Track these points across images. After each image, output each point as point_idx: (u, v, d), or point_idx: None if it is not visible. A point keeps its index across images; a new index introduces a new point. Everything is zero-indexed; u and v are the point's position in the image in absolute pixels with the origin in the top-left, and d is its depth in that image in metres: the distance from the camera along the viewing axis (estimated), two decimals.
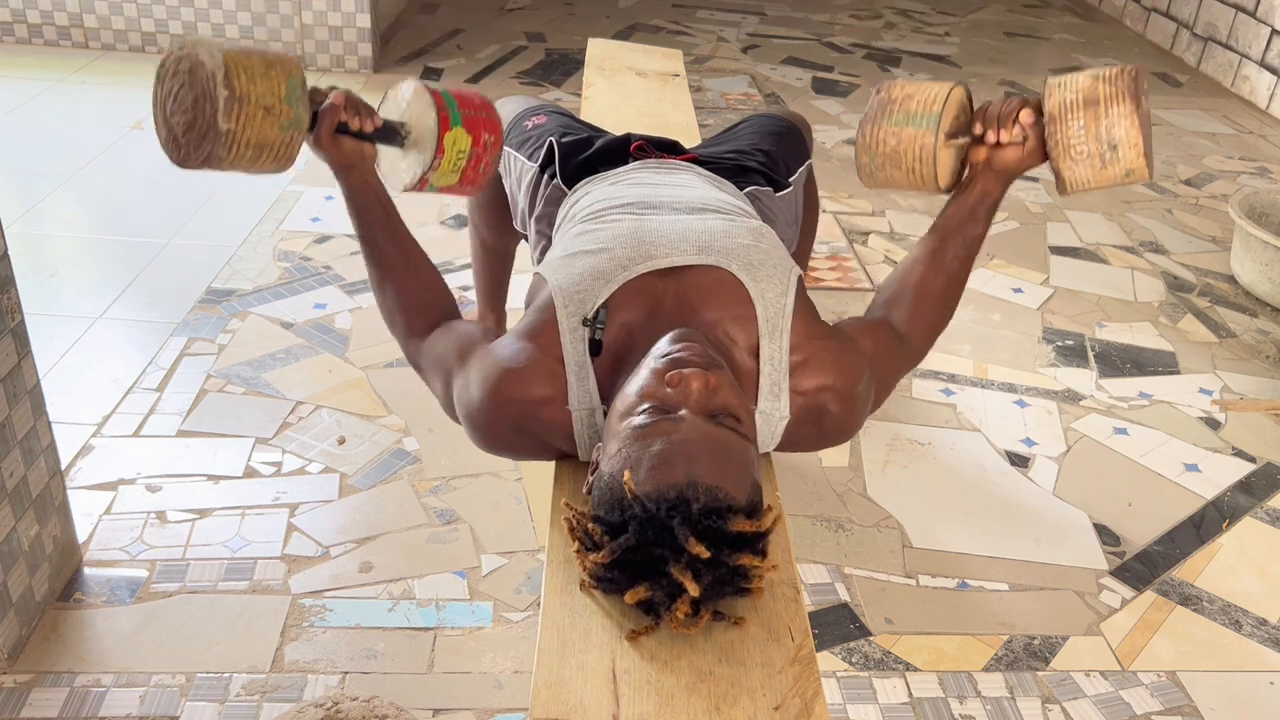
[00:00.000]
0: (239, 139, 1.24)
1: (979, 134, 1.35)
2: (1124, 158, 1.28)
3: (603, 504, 1.05)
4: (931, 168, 1.34)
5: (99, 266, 2.73)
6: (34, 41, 4.22)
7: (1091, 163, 1.29)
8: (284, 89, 1.28)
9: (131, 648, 1.64)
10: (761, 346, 1.23)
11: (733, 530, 0.99)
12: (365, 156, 1.38)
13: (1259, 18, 4.57)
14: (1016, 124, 1.32)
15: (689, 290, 1.25)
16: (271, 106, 1.26)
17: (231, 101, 1.22)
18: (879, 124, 1.36)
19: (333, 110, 1.33)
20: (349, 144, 1.36)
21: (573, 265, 1.29)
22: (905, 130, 1.34)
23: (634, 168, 1.58)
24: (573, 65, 4.43)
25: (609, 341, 1.22)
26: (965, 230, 1.39)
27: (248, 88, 1.24)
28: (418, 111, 1.40)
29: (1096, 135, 1.27)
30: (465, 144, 1.39)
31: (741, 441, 1.07)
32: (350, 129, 1.35)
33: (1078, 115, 1.28)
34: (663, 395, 1.07)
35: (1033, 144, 1.32)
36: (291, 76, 1.29)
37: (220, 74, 1.22)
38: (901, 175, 1.36)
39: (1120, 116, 1.26)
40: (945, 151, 1.34)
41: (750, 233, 1.34)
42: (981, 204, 1.38)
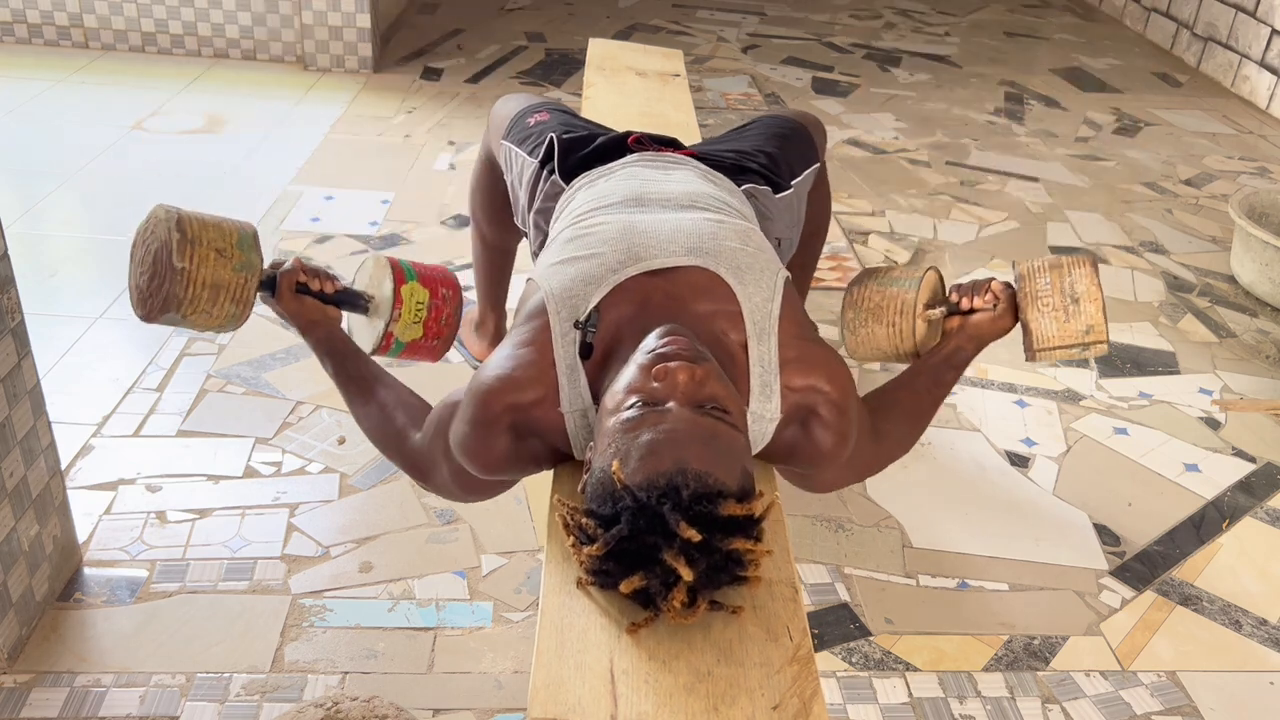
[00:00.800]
0: (194, 278, 1.38)
1: (954, 302, 1.52)
2: (1085, 310, 1.44)
3: (595, 497, 1.05)
4: (911, 321, 1.50)
5: (99, 266, 2.73)
6: (34, 41, 4.22)
7: (1056, 315, 1.46)
8: (235, 237, 1.43)
9: (131, 648, 1.64)
10: (750, 348, 1.23)
11: (724, 514, 0.99)
12: (327, 315, 1.51)
13: (1259, 18, 4.57)
14: (989, 293, 1.49)
15: (679, 287, 1.26)
16: (223, 249, 1.41)
17: (184, 243, 1.37)
18: (865, 285, 1.56)
19: (290, 272, 1.47)
20: (310, 302, 1.49)
21: (564, 271, 1.30)
22: (889, 289, 1.53)
23: (629, 161, 1.58)
24: (573, 65, 4.43)
25: (599, 341, 1.22)
26: (939, 374, 1.50)
27: (199, 233, 1.40)
28: (376, 278, 1.56)
29: (1060, 289, 1.46)
30: (423, 296, 1.54)
31: (729, 429, 1.07)
32: (310, 290, 1.49)
33: (1044, 273, 1.47)
34: (650, 390, 1.08)
35: (1004, 307, 1.49)
36: (242, 229, 1.45)
37: (173, 222, 1.38)
38: (882, 330, 1.53)
39: (1081, 276, 1.45)
40: (922, 320, 1.51)
41: (737, 235, 1.35)
42: (955, 356, 1.50)
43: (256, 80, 4.09)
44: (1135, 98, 4.63)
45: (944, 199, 3.46)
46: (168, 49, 4.23)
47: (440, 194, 3.21)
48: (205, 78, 4.05)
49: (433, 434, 1.31)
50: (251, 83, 4.05)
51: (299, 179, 3.25)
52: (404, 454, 1.38)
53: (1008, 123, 4.22)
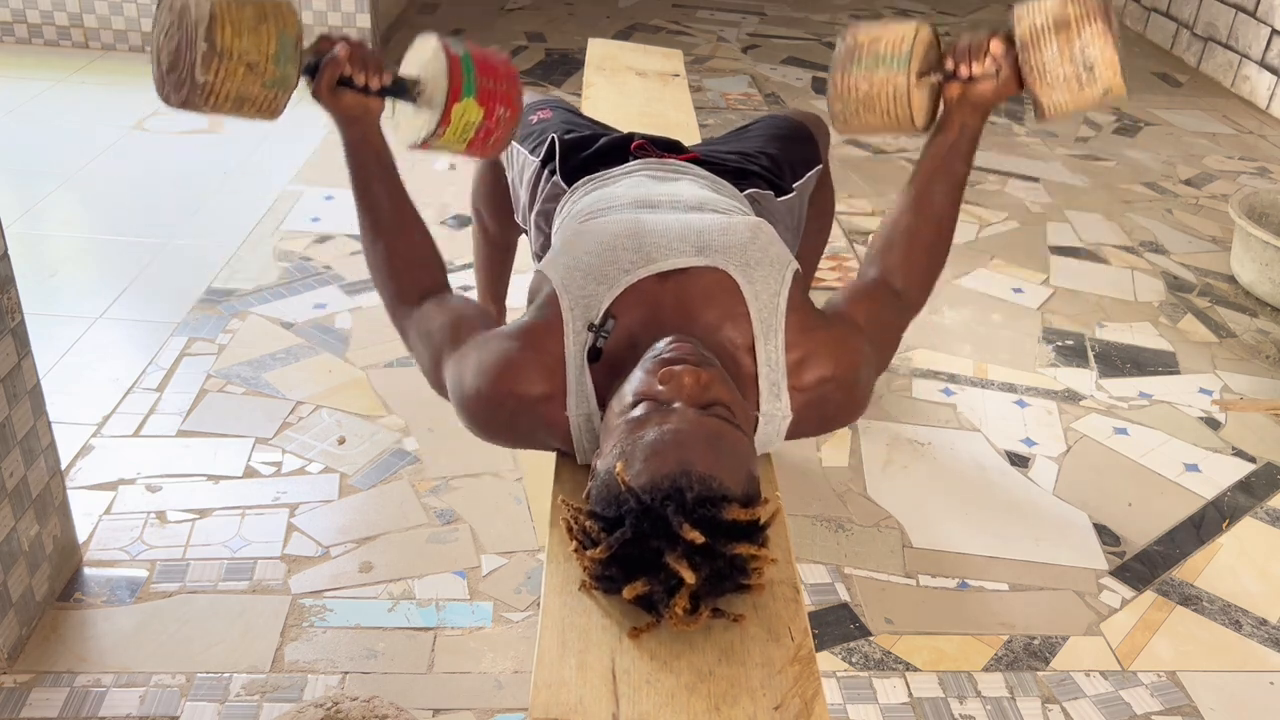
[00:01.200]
0: (216, 92, 1.21)
1: (950, 70, 1.34)
2: (1101, 77, 1.27)
3: (599, 500, 1.05)
4: (906, 108, 1.32)
5: (99, 266, 2.73)
6: (34, 41, 4.22)
7: (1069, 85, 1.27)
8: (273, 46, 1.22)
9: (131, 648, 1.64)
10: (757, 348, 1.23)
11: (727, 519, 0.99)
12: (369, 111, 1.34)
13: (1259, 18, 4.57)
14: (988, 56, 1.32)
15: (688, 294, 1.25)
16: (255, 64, 1.21)
17: (211, 56, 1.18)
18: (849, 71, 1.35)
19: (335, 63, 1.29)
20: (350, 98, 1.32)
21: (575, 265, 1.29)
22: (876, 74, 1.33)
23: (633, 167, 1.57)
24: (573, 65, 4.43)
25: (609, 346, 1.22)
26: (949, 169, 1.37)
27: (231, 42, 1.19)
28: (433, 73, 1.35)
29: (1071, 58, 1.26)
30: (476, 116, 1.34)
31: (734, 431, 1.07)
32: (354, 84, 1.31)
33: (1050, 40, 1.27)
34: (655, 393, 1.08)
35: (1006, 73, 1.31)
36: (284, 33, 1.23)
37: (203, 25, 1.17)
38: (876, 118, 1.35)
39: (1094, 36, 1.25)
40: (918, 91, 1.33)
41: (749, 228, 1.34)
42: (961, 139, 1.37)
43: None
44: (1135, 98, 4.63)
45: None
46: None
47: (440, 194, 3.20)
48: None
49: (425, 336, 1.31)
50: None
51: (299, 179, 3.24)
52: (394, 314, 1.37)
53: (1008, 123, 4.21)
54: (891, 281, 1.36)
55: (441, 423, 2.17)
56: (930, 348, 2.60)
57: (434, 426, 2.17)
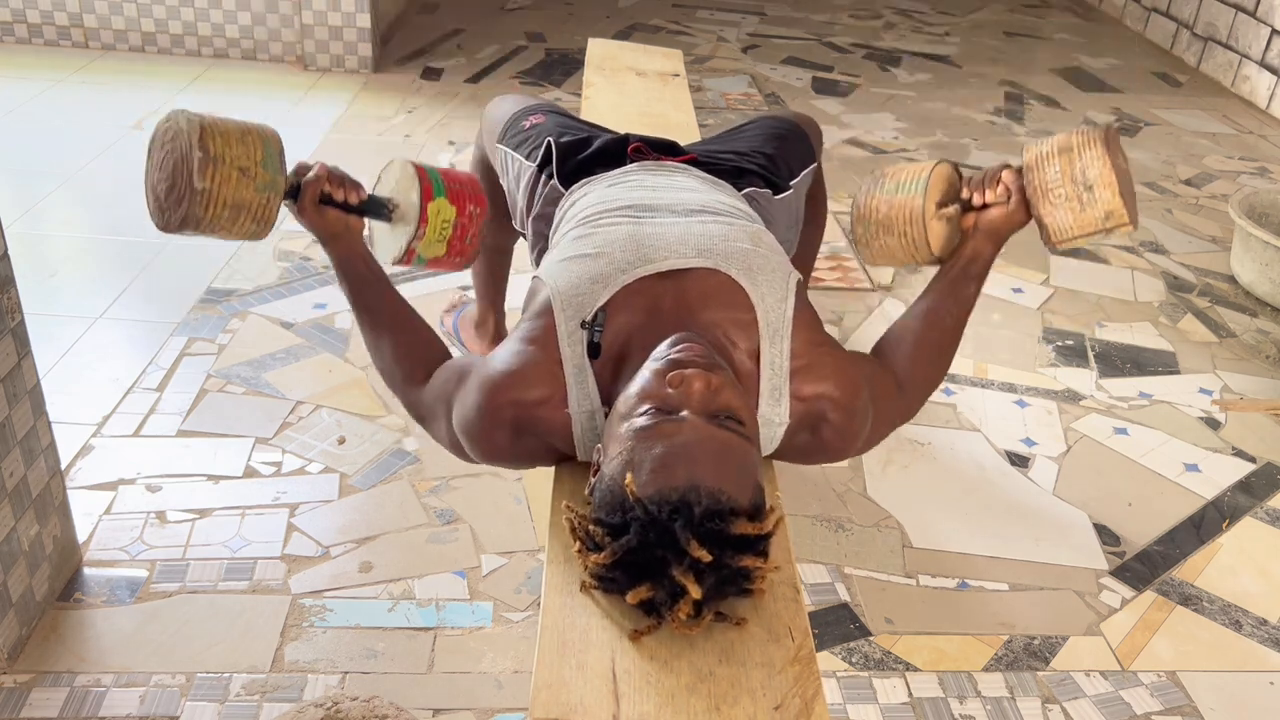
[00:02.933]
0: (215, 198, 1.30)
1: (965, 199, 1.42)
2: (1100, 198, 1.33)
3: (604, 505, 1.05)
4: (922, 230, 1.40)
5: (99, 266, 2.73)
6: (34, 41, 4.22)
7: (1070, 205, 1.34)
8: (260, 153, 1.34)
9: (131, 648, 1.64)
10: (762, 351, 1.23)
11: (735, 533, 0.99)
12: (350, 228, 1.43)
13: (1259, 18, 4.57)
14: (1000, 184, 1.40)
15: (688, 292, 1.25)
16: (247, 169, 1.32)
17: (206, 162, 1.28)
18: (872, 194, 1.46)
19: (316, 181, 1.39)
20: (333, 214, 1.41)
21: (570, 269, 1.29)
22: (896, 197, 1.42)
23: (631, 169, 1.57)
24: (573, 65, 4.43)
25: (608, 343, 1.21)
26: (959, 289, 1.43)
27: (222, 150, 1.30)
28: (403, 186, 1.46)
29: (1071, 177, 1.33)
30: (450, 214, 1.45)
31: (743, 443, 1.07)
32: (334, 200, 1.41)
33: (1053, 161, 1.35)
34: (664, 396, 1.07)
35: (1016, 199, 1.39)
36: (268, 143, 1.35)
37: (195, 136, 1.29)
38: (895, 241, 1.43)
39: (1093, 159, 1.32)
40: (935, 220, 1.41)
41: (749, 237, 1.34)
42: (973, 263, 1.43)
43: (256, 80, 4.08)
44: (1135, 98, 4.63)
45: None
46: (168, 49, 4.23)
47: None
48: (205, 78, 4.05)
49: (437, 395, 1.31)
50: (251, 83, 4.05)
51: None
52: (407, 398, 1.38)
53: (1008, 123, 4.22)
54: (897, 373, 1.37)
55: None
56: None
57: None
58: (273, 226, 1.38)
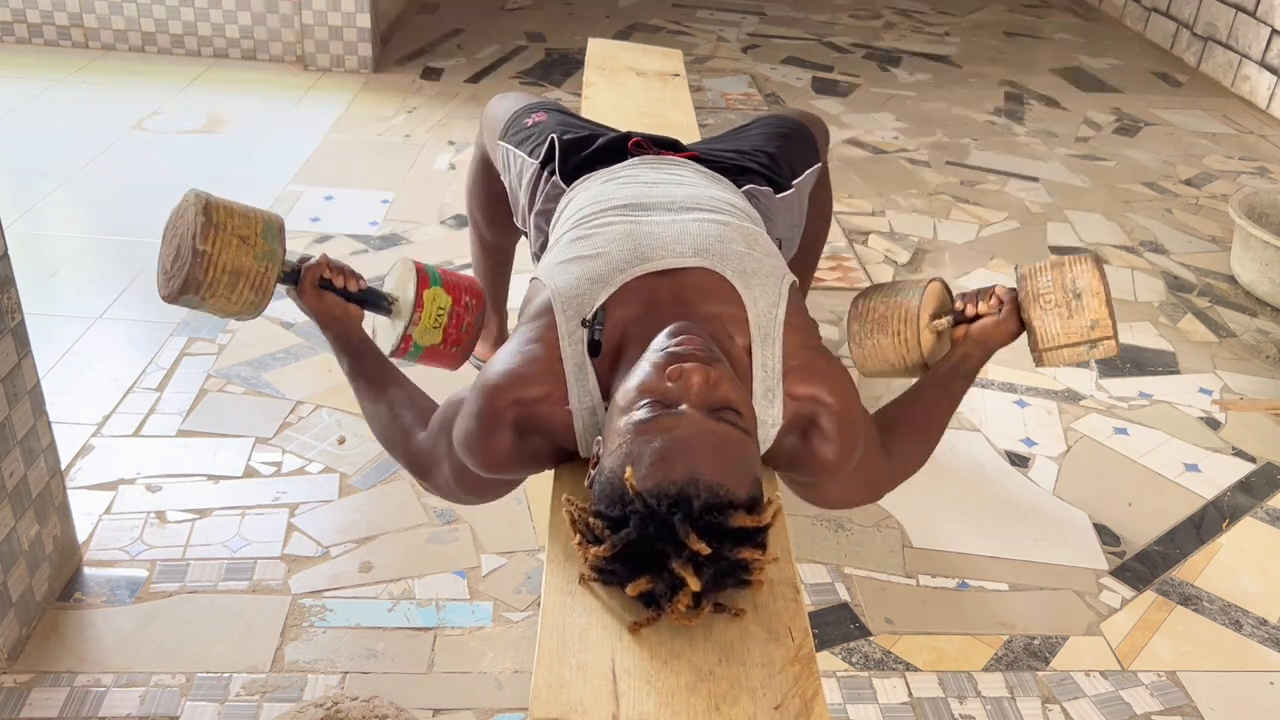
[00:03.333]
0: (214, 262, 1.37)
1: (959, 310, 1.51)
2: (1088, 305, 1.43)
3: (604, 498, 1.05)
4: (915, 330, 1.49)
5: (99, 266, 2.73)
6: (34, 41, 4.22)
7: (1059, 311, 1.44)
8: (259, 226, 1.42)
9: (131, 648, 1.64)
10: (753, 353, 1.23)
11: (733, 525, 0.99)
12: (348, 313, 1.50)
13: (1259, 18, 4.57)
14: (993, 298, 1.49)
15: (685, 287, 1.25)
16: (247, 237, 1.40)
17: (208, 227, 1.37)
18: (869, 297, 1.56)
19: (316, 266, 1.47)
20: (332, 299, 1.48)
21: (569, 271, 1.30)
22: (892, 299, 1.53)
23: (631, 164, 1.58)
24: (573, 65, 4.43)
25: (607, 338, 1.22)
26: (948, 385, 1.48)
27: (224, 218, 1.39)
28: (403, 281, 1.54)
29: (1062, 285, 1.45)
30: (445, 302, 1.53)
31: (742, 436, 1.07)
32: (334, 286, 1.48)
33: (1045, 272, 1.47)
34: (663, 390, 1.07)
35: (1008, 309, 1.48)
36: (269, 220, 1.44)
37: (200, 205, 1.38)
38: (888, 340, 1.52)
39: (1083, 271, 1.44)
40: (928, 332, 1.50)
41: (744, 238, 1.34)
42: (963, 364, 1.49)
43: (256, 80, 4.08)
44: (1135, 98, 4.63)
45: (944, 199, 3.46)
46: (168, 49, 4.23)
47: (440, 194, 3.20)
48: (205, 78, 4.05)
49: (437, 431, 1.31)
50: (251, 83, 4.05)
51: (299, 179, 3.24)
52: (408, 452, 1.37)
53: (1008, 123, 4.22)
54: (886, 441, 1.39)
55: None
56: None
57: None
58: (270, 298, 1.45)
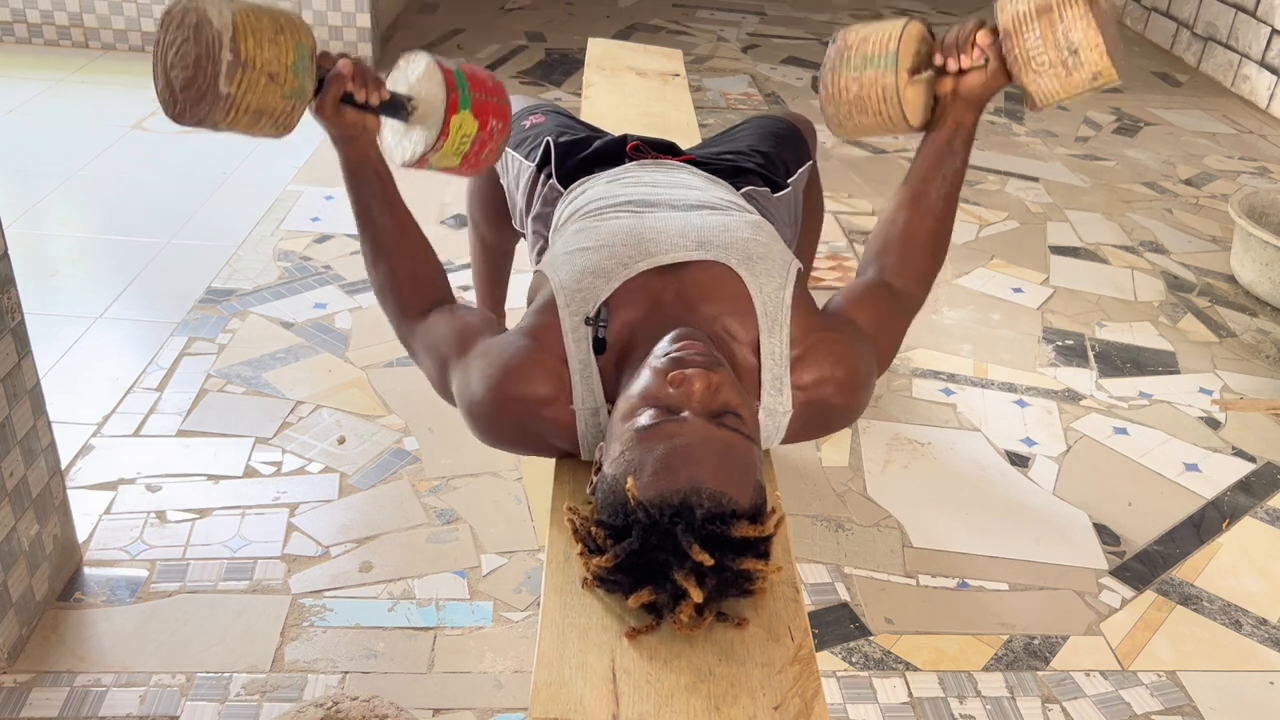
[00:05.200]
0: (239, 104, 1.20)
1: (940, 65, 1.34)
2: (1087, 61, 1.26)
3: (606, 508, 1.05)
4: (898, 107, 1.32)
5: (99, 266, 2.73)
6: (34, 41, 4.22)
7: (1055, 71, 1.27)
8: (291, 56, 1.23)
9: (131, 648, 1.64)
10: (762, 342, 1.23)
11: (736, 536, 0.99)
12: (367, 129, 1.35)
13: (1259, 17, 4.57)
14: (975, 47, 1.32)
15: (689, 286, 1.25)
16: (276, 74, 1.22)
17: (235, 66, 1.18)
18: (838, 72, 1.35)
19: (339, 79, 1.29)
20: (352, 115, 1.32)
21: (573, 263, 1.29)
22: (865, 74, 1.32)
23: (630, 167, 1.58)
24: (573, 65, 4.43)
25: (611, 340, 1.22)
26: (944, 166, 1.38)
27: (254, 53, 1.19)
28: (428, 89, 1.36)
29: (1055, 42, 1.26)
30: (471, 128, 1.36)
31: (744, 442, 1.07)
32: (355, 100, 1.32)
33: (1032, 25, 1.27)
34: (665, 396, 1.07)
35: (994, 64, 1.32)
36: (301, 44, 1.25)
37: (227, 35, 1.17)
38: (869, 120, 1.35)
39: (1076, 19, 1.25)
40: (910, 89, 1.32)
41: (749, 226, 1.34)
42: (956, 136, 1.37)
43: None
44: (1135, 98, 4.63)
45: None
46: None
47: (440, 194, 3.20)
48: None
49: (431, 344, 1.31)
50: None
51: (299, 179, 3.24)
52: (398, 326, 1.37)
53: (1007, 122, 4.21)
54: (891, 281, 1.37)
55: (441, 422, 2.17)
56: (930, 348, 2.60)
57: (434, 426, 2.17)
58: (292, 132, 1.30)
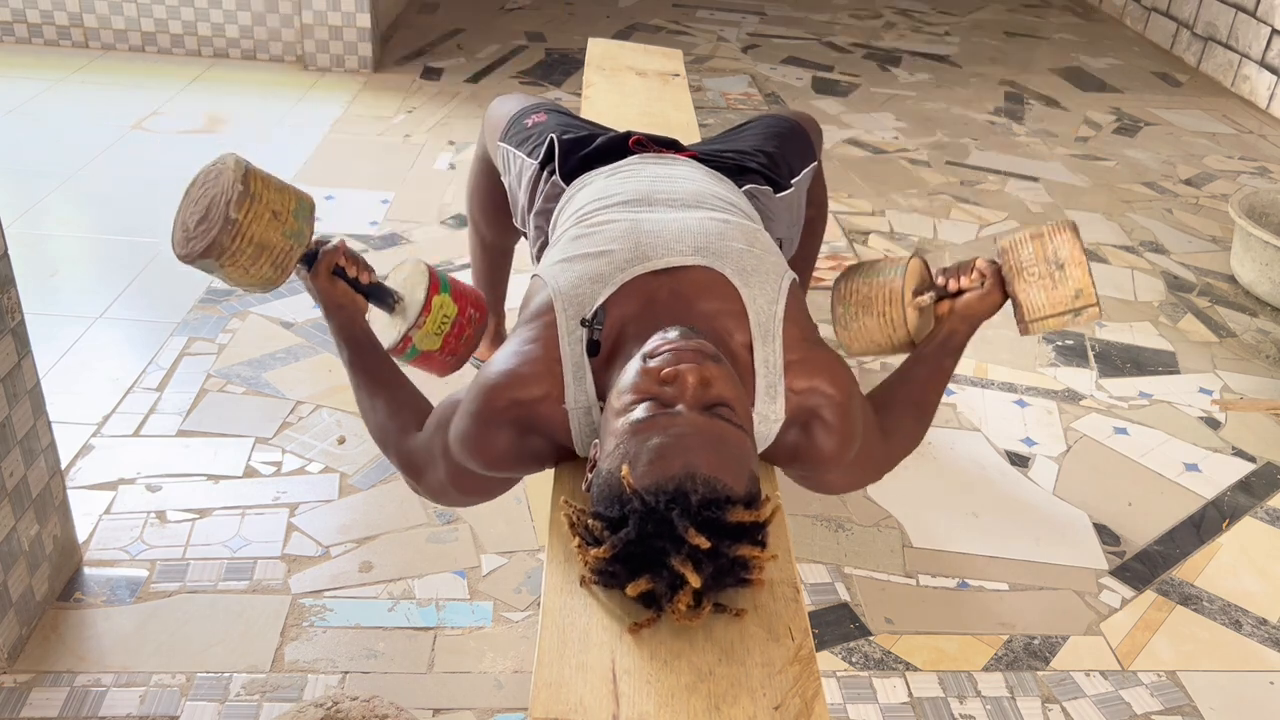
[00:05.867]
0: (244, 232, 1.37)
1: (941, 285, 1.50)
2: (1071, 275, 1.44)
3: (602, 499, 1.05)
4: (900, 310, 1.49)
5: (99, 266, 2.73)
6: (34, 41, 4.22)
7: (1044, 283, 1.45)
8: (293, 204, 1.43)
9: (131, 648, 1.64)
10: (755, 350, 1.23)
11: (732, 521, 0.99)
12: (355, 303, 1.50)
13: (1259, 17, 4.57)
14: (974, 271, 1.49)
15: (684, 286, 1.26)
16: (279, 213, 1.40)
17: (245, 196, 1.37)
18: (851, 279, 1.56)
19: (333, 252, 1.46)
20: (343, 287, 1.48)
21: (571, 269, 1.30)
22: (875, 279, 1.53)
23: (632, 160, 1.58)
24: (573, 65, 4.43)
25: (605, 337, 1.22)
26: (937, 362, 1.49)
27: (261, 190, 1.39)
28: (412, 282, 1.54)
29: (1044, 256, 1.45)
30: (451, 311, 1.53)
31: (737, 432, 1.07)
32: (346, 275, 1.48)
33: (1026, 245, 1.48)
34: (657, 391, 1.07)
35: (991, 283, 1.48)
36: (301, 200, 1.45)
37: (241, 173, 1.38)
38: (873, 321, 1.53)
39: (1063, 242, 1.45)
40: (912, 309, 1.50)
41: (744, 236, 1.35)
42: (950, 341, 1.49)
43: (256, 80, 4.08)
44: (1135, 97, 4.63)
45: (944, 199, 3.46)
46: (168, 49, 4.23)
47: (440, 194, 3.21)
48: (205, 78, 4.04)
49: (433, 430, 1.31)
50: (251, 83, 4.05)
51: (299, 179, 3.24)
52: (401, 450, 1.37)
53: (1007, 122, 4.22)
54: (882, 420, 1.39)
55: None
56: None
57: None
58: (287, 277, 1.45)
